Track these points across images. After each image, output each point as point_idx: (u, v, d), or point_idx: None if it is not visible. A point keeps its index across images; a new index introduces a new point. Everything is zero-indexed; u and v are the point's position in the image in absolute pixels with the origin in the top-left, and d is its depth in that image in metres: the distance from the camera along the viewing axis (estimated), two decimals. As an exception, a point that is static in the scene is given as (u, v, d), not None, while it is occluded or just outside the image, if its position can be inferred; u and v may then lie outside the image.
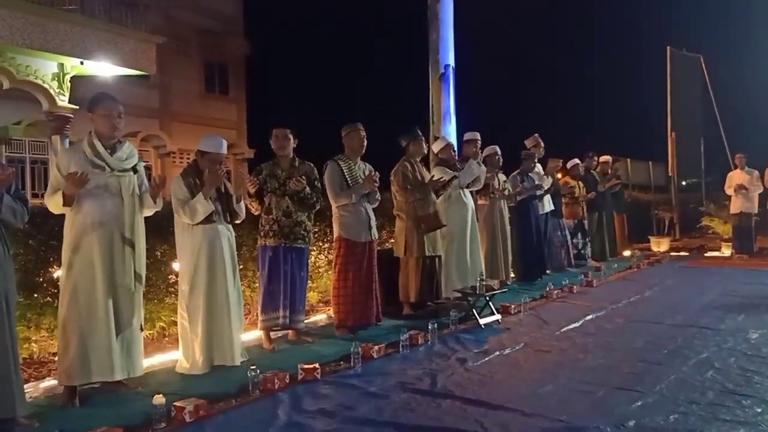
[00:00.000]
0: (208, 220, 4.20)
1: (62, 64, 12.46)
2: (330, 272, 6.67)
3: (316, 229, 6.39)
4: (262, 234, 4.89)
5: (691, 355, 4.44)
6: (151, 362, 4.50)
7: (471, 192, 6.67)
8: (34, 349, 4.42)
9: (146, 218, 3.99)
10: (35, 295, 4.34)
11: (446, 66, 9.14)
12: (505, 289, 6.32)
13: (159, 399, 3.32)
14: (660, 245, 11.59)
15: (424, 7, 9.32)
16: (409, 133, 6.04)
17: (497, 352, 4.65)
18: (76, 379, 3.61)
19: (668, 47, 14.19)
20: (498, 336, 5.21)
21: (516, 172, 7.98)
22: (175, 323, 4.98)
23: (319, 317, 6.07)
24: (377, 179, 5.29)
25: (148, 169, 18.45)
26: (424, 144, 6.12)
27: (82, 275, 3.63)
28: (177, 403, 3.40)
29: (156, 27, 15.28)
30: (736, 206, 10.40)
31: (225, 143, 4.36)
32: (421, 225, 5.83)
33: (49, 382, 3.99)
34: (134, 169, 3.86)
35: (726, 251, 10.81)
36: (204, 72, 20.68)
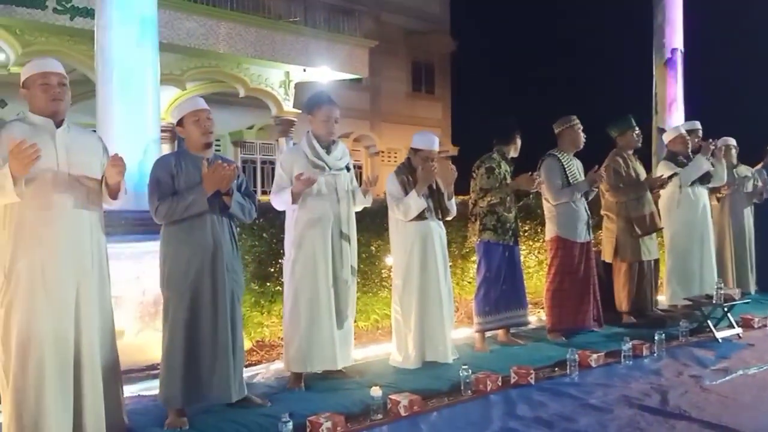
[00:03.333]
0: (420, 216, 4.21)
1: (287, 72, 13.66)
2: (539, 273, 6.43)
3: (526, 228, 6.18)
4: (499, 231, 4.71)
5: None
6: (366, 353, 4.66)
7: (708, 189, 5.93)
8: (266, 334, 4.81)
9: (361, 214, 4.13)
10: (267, 284, 4.72)
11: (673, 50, 8.35)
12: (747, 300, 5.53)
13: (376, 391, 3.40)
14: None
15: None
16: (618, 123, 5.54)
17: (740, 371, 4.08)
18: (300, 366, 3.83)
19: None
20: (739, 352, 4.58)
21: (760, 165, 6.97)
22: (387, 316, 5.12)
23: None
24: (603, 175, 4.99)
25: (359, 168, 19.64)
26: (636, 135, 5.54)
27: (305, 269, 3.83)
28: (392, 396, 3.46)
29: (367, 31, 16.11)
30: None
31: (437, 140, 4.35)
32: (635, 228, 5.34)
33: (278, 365, 4.31)
34: (347, 168, 4.01)
35: None
36: (411, 72, 21.32)
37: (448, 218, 4.44)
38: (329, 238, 3.86)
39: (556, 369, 4.19)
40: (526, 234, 6.18)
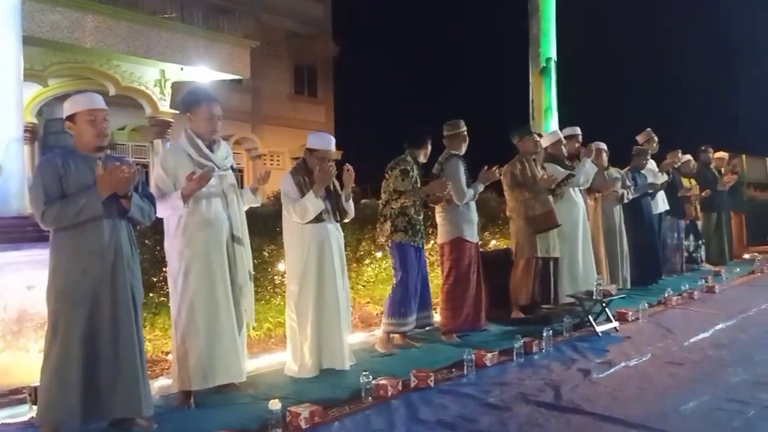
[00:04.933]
0: (317, 219, 4.08)
1: (163, 71, 12.94)
2: (431, 275, 6.48)
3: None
4: (410, 232, 4.74)
5: None
6: (258, 364, 4.46)
7: (581, 191, 6.28)
8: (149, 348, 4.44)
9: (253, 217, 3.94)
10: (150, 295, 4.37)
11: (548, 59, 8.78)
12: (623, 295, 5.89)
13: (275, 404, 3.22)
14: (782, 248, 10.64)
15: (524, 0, 8.98)
16: (519, 130, 5.80)
17: (622, 364, 4.29)
18: (201, 383, 3.56)
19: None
20: (619, 345, 4.83)
21: (627, 168, 7.48)
22: (281, 324, 4.93)
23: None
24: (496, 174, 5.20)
25: (240, 171, 19.07)
26: (534, 141, 5.79)
27: (200, 277, 3.56)
28: (291, 409, 3.30)
29: (249, 32, 15.65)
30: None
31: (333, 140, 4.24)
32: (531, 225, 5.55)
33: (163, 382, 4.00)
34: (232, 168, 3.82)
35: None
36: (294, 75, 21.02)
37: (346, 220, 4.35)
38: (224, 243, 3.63)
39: (454, 370, 4.22)
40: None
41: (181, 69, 12.96)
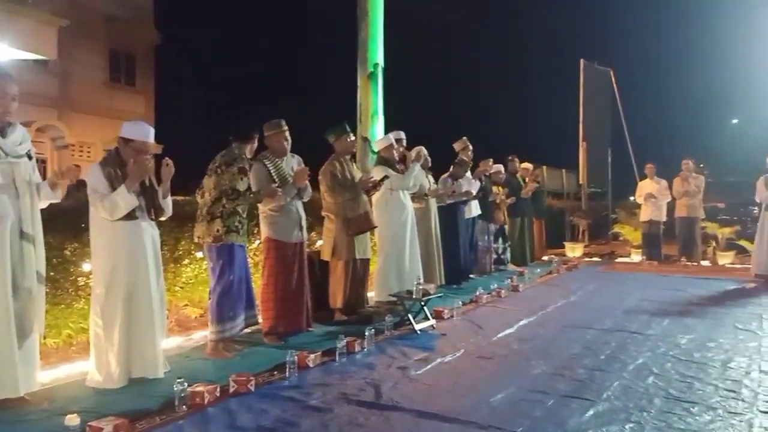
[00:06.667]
0: (130, 216, 3.75)
1: (-51, 43, 11.28)
2: (255, 275, 6.31)
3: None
4: (241, 232, 4.54)
5: (628, 361, 4.46)
6: (56, 374, 4.02)
7: (408, 194, 6.48)
8: None
9: (54, 212, 3.53)
10: None
11: (375, 65, 8.97)
12: (441, 294, 6.17)
13: (72, 419, 2.91)
14: (575, 251, 11.93)
15: (353, 4, 9.09)
16: (335, 129, 5.72)
17: (438, 360, 4.48)
18: None
19: (581, 60, 14.70)
20: (435, 342, 5.04)
21: (446, 175, 7.87)
22: (83, 330, 4.49)
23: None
24: (309, 173, 5.01)
25: (43, 162, 17.20)
26: (351, 140, 5.81)
27: None
28: (93, 423, 3.00)
29: (59, 10, 14.17)
30: (646, 214, 10.83)
31: (152, 131, 3.93)
32: (350, 226, 5.59)
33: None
34: (28, 155, 3.41)
35: (635, 257, 11.26)
36: (109, 60, 19.48)
37: (163, 218, 4.04)
38: (7, 240, 3.20)
39: (276, 372, 4.11)
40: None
41: (-28, 43, 11.37)
